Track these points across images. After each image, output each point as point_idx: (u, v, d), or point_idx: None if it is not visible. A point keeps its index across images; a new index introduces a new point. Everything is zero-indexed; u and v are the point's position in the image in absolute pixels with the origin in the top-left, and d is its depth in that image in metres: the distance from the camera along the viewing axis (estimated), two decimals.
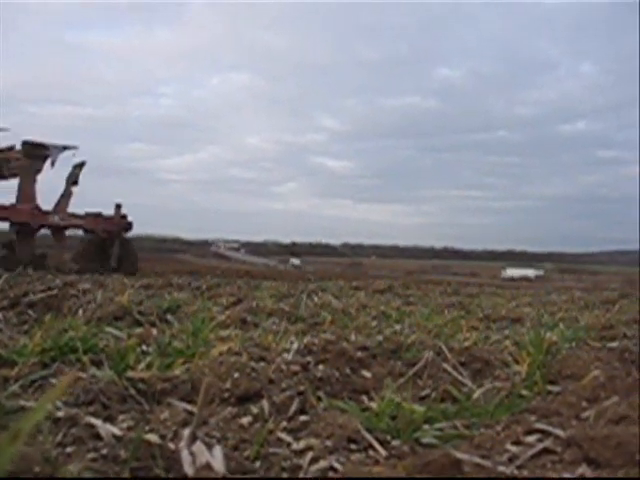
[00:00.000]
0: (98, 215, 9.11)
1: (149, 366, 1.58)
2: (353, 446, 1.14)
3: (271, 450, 1.11)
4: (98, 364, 1.60)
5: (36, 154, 8.16)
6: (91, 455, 1.00)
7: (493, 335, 2.58)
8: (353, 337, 2.26)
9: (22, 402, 1.24)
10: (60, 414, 1.16)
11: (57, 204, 8.73)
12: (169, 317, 2.81)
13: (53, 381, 1.40)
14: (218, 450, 0.92)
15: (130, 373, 1.44)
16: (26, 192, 8.37)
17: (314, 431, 1.19)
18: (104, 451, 1.01)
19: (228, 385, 1.41)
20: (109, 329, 2.06)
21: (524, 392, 1.53)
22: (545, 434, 1.11)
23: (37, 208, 8.43)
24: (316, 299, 4.19)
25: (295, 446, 1.14)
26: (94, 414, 1.19)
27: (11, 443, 0.62)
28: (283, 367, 1.60)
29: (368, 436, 1.18)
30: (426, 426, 1.28)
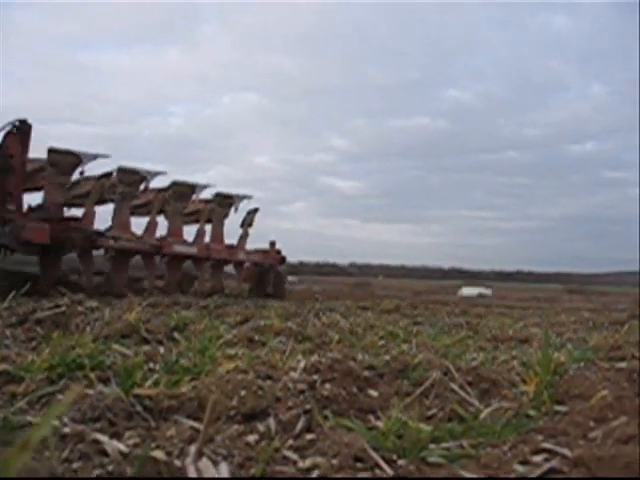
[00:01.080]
0: (265, 251, 10.55)
1: (156, 383, 1.58)
2: (359, 465, 1.14)
3: (277, 468, 1.11)
4: (105, 381, 1.60)
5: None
6: (97, 471, 1.00)
7: (501, 355, 2.57)
8: (360, 356, 2.26)
9: (29, 418, 1.24)
10: (67, 430, 1.17)
11: (238, 243, 10.29)
12: (176, 335, 2.81)
13: (60, 397, 1.40)
14: (224, 467, 0.92)
15: (137, 390, 1.45)
16: (217, 233, 9.92)
17: (320, 449, 1.19)
18: (110, 467, 1.02)
19: (234, 403, 1.41)
20: (116, 347, 2.06)
21: (531, 412, 1.52)
22: (552, 454, 1.11)
23: (231, 246, 10.08)
24: (324, 318, 4.18)
25: (301, 464, 1.14)
26: (101, 430, 1.20)
27: (18, 455, 0.62)
28: (290, 385, 1.60)
29: (374, 455, 1.17)
30: (433, 445, 1.28)
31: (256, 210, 10.48)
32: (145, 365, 1.80)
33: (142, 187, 8.87)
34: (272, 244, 10.60)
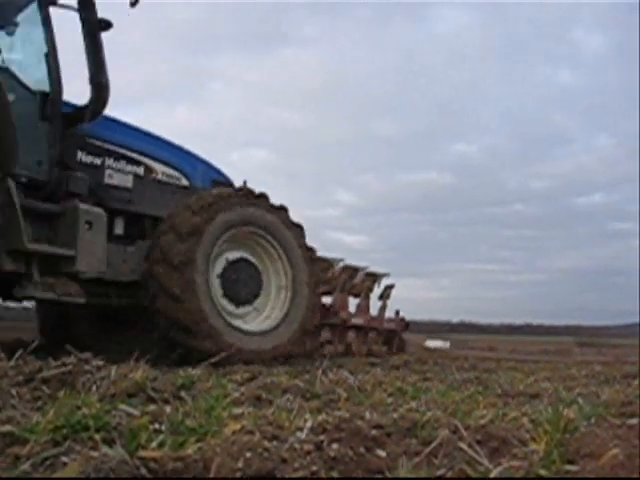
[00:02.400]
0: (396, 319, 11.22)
1: (161, 444, 1.57)
2: None
3: None
4: (110, 442, 1.59)
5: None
6: None
7: (510, 412, 2.54)
8: (368, 415, 2.23)
9: None
10: None
11: (379, 314, 10.96)
12: (183, 394, 2.80)
13: (64, 459, 1.39)
14: None
15: (142, 452, 1.43)
16: (365, 305, 10.52)
17: None
18: None
19: (240, 465, 1.39)
20: (122, 406, 2.05)
21: (542, 472, 1.50)
22: None
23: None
24: (331, 375, 4.15)
25: None
26: None
27: None
28: (296, 446, 1.58)
29: None
30: None
31: (393, 286, 11.24)
32: (151, 425, 1.78)
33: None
34: (397, 313, 11.35)
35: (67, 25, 6.11)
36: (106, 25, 6.01)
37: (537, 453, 1.66)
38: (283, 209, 6.59)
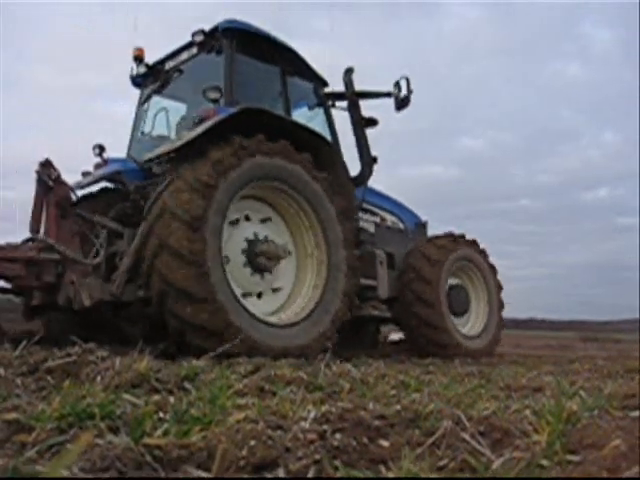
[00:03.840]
0: None
1: (166, 433, 1.58)
2: None
3: None
4: (115, 430, 1.60)
5: None
6: None
7: (513, 404, 2.54)
8: (371, 406, 2.24)
9: (39, 467, 1.24)
10: None
11: None
12: (187, 385, 2.81)
13: (70, 446, 1.40)
14: None
15: (147, 440, 1.45)
16: None
17: None
18: None
19: (244, 453, 1.40)
20: (127, 396, 2.06)
21: (544, 462, 1.50)
22: None
23: None
24: (334, 368, 4.15)
25: None
26: None
27: None
28: (300, 435, 1.59)
29: None
30: None
31: None
32: (155, 415, 1.79)
33: None
34: None
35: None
36: (371, 122, 8.50)
37: (539, 444, 1.66)
38: (484, 251, 9.23)
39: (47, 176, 6.15)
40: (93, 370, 2.81)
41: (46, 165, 6.21)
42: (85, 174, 7.14)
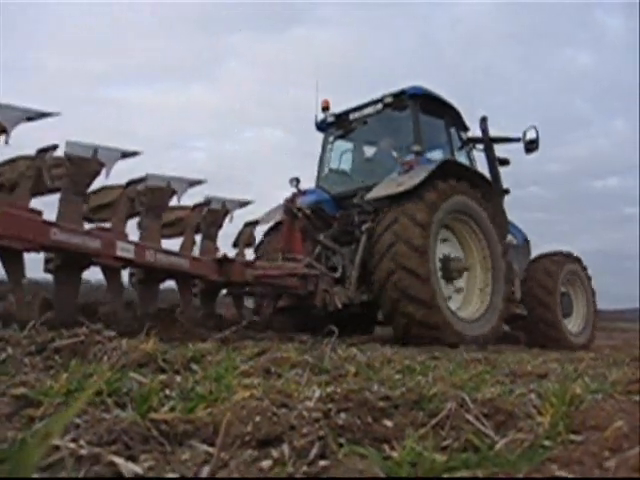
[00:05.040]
0: None
1: (172, 409, 1.60)
2: None
3: None
4: (122, 406, 1.62)
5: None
6: None
7: (518, 389, 2.55)
8: (376, 387, 2.25)
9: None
10: (83, 452, 1.18)
11: None
12: (193, 366, 2.83)
13: (77, 421, 1.42)
14: None
15: (153, 415, 1.46)
16: None
17: (334, 476, 1.19)
18: None
19: (249, 428, 1.42)
20: (133, 375, 2.08)
21: (546, 442, 1.51)
22: None
23: None
24: (340, 352, 4.17)
25: None
26: (116, 453, 1.21)
27: (42, 441, 0.64)
28: (305, 414, 1.60)
29: None
30: (446, 475, 1.28)
31: None
32: (161, 392, 1.81)
33: None
34: None
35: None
36: (504, 162, 10.14)
37: (543, 425, 1.68)
38: (585, 266, 11.18)
39: (296, 208, 8.20)
40: (100, 350, 2.83)
41: (292, 200, 8.31)
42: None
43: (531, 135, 9.70)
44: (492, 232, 8.58)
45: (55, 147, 5.31)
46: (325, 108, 9.94)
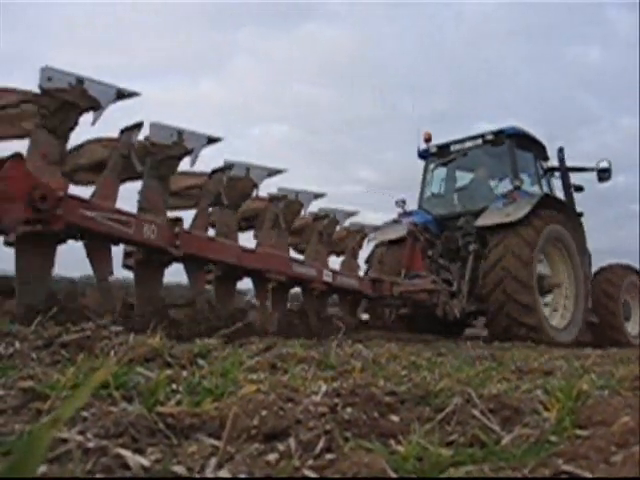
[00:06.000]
0: None
1: (178, 403, 1.60)
2: None
3: None
4: (129, 399, 1.63)
5: None
6: None
7: (524, 385, 2.55)
8: (382, 383, 2.25)
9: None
10: (90, 445, 1.19)
11: None
12: (200, 361, 2.83)
13: (85, 414, 1.43)
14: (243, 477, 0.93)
15: (159, 408, 1.47)
16: None
17: (340, 469, 1.19)
18: None
19: (256, 422, 1.42)
20: (140, 369, 2.08)
21: (553, 438, 1.51)
22: (572, 476, 1.10)
23: None
24: (347, 348, 4.17)
25: None
26: (123, 446, 1.21)
27: (50, 428, 0.64)
28: (311, 408, 1.60)
29: (394, 476, 1.17)
30: (452, 469, 1.28)
31: None
32: (168, 386, 1.81)
33: None
34: None
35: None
36: (578, 188, 11.40)
37: (549, 421, 1.67)
38: (636, 270, 12.09)
39: (418, 232, 9.75)
40: (107, 345, 2.83)
41: (416, 228, 9.83)
42: (396, 221, 10.55)
43: (604, 165, 11.10)
44: (577, 257, 10.12)
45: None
46: (427, 140, 11.38)
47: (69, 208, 4.35)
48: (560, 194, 11.42)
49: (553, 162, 11.59)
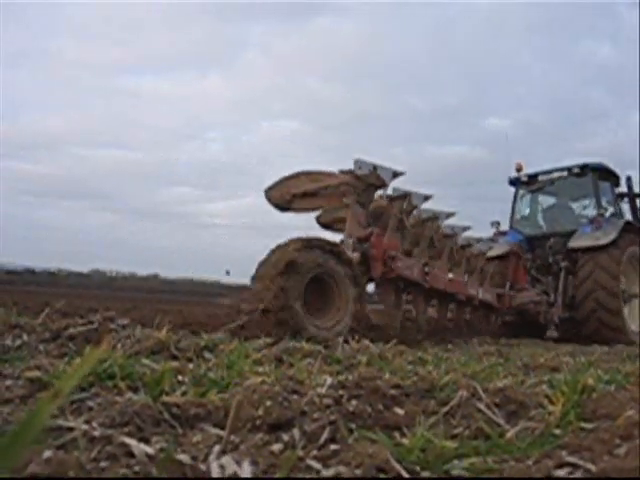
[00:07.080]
0: None
1: (184, 394, 1.61)
2: (382, 475, 1.14)
3: (300, 475, 1.12)
4: (134, 390, 1.63)
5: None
6: (124, 470, 1.02)
7: (529, 380, 2.55)
8: (387, 376, 2.25)
9: (60, 422, 1.27)
10: (96, 433, 1.19)
11: None
12: (206, 354, 2.84)
13: (90, 404, 1.43)
14: (247, 466, 0.94)
15: (165, 398, 1.47)
16: None
17: (344, 460, 1.20)
18: (136, 468, 1.04)
19: (260, 412, 1.42)
20: (146, 361, 2.09)
21: (557, 431, 1.51)
22: (576, 468, 1.11)
23: None
24: (353, 343, 4.17)
25: (324, 473, 1.14)
26: (128, 434, 1.22)
27: (51, 401, 0.65)
28: (316, 400, 1.61)
29: (397, 466, 1.18)
30: (457, 461, 1.28)
31: None
32: (174, 378, 1.82)
33: None
34: None
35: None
36: None
37: (554, 414, 1.67)
38: None
39: (521, 250, 10.82)
40: (114, 337, 2.85)
41: (517, 248, 10.70)
42: (492, 240, 11.42)
43: None
44: None
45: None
46: (519, 170, 12.80)
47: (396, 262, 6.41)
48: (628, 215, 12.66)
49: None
